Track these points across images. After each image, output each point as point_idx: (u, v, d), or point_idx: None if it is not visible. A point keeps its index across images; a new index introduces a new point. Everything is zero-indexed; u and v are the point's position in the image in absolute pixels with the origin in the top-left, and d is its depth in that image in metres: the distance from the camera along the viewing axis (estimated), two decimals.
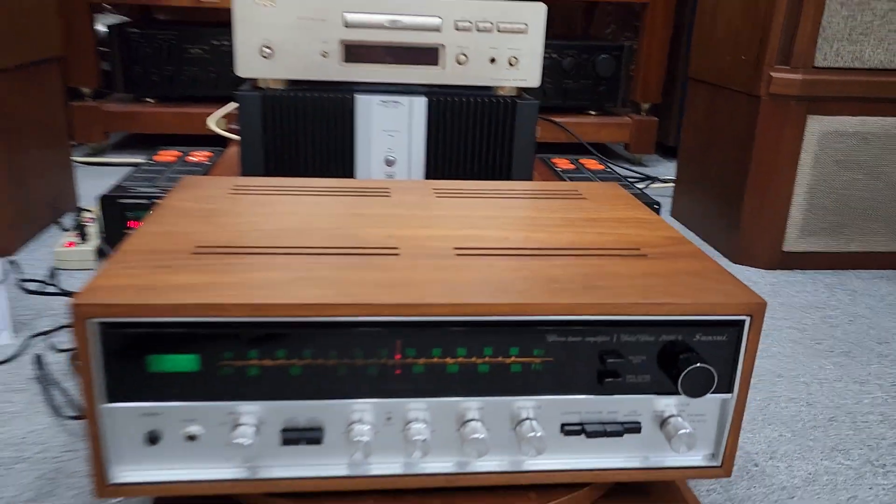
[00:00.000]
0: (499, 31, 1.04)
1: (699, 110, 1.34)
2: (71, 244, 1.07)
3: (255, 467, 0.52)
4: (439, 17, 1.02)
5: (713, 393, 0.54)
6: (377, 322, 0.50)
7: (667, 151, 2.00)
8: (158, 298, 0.48)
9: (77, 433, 0.70)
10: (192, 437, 0.51)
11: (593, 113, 1.86)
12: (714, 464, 0.56)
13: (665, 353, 0.53)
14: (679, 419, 0.54)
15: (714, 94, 1.28)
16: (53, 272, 1.00)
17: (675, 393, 0.54)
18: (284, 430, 0.52)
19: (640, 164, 1.90)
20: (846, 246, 1.20)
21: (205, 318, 0.48)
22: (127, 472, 0.51)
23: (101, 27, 1.77)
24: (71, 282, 1.01)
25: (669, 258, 0.59)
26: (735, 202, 1.21)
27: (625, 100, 1.89)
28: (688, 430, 0.53)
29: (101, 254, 1.09)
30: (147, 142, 1.89)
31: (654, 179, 1.72)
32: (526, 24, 1.04)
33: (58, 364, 0.81)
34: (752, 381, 0.86)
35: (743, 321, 0.53)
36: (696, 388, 0.52)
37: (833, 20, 1.08)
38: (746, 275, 1.18)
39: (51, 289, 0.97)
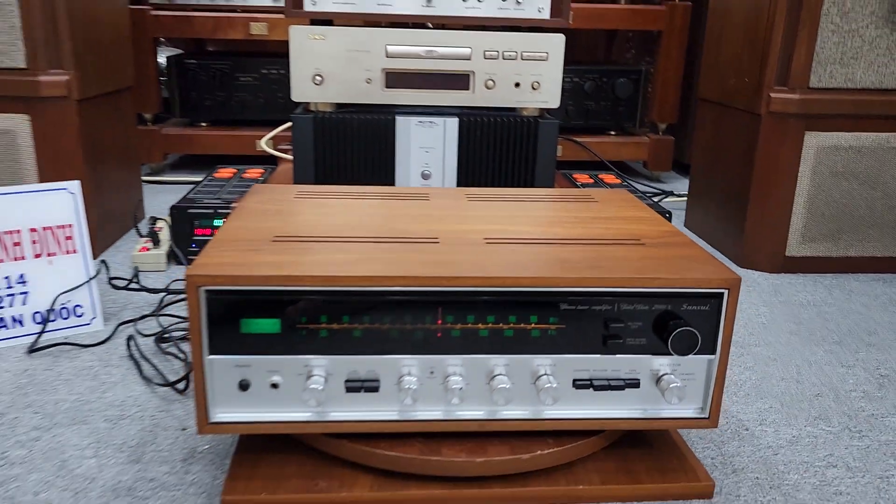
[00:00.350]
0: (522, 58, 1.17)
1: (707, 128, 1.46)
2: (145, 249, 1.21)
3: (323, 412, 0.65)
4: (469, 48, 1.16)
5: (699, 354, 0.65)
6: (422, 292, 0.62)
7: (683, 169, 2.11)
8: (251, 271, 0.61)
9: (166, 398, 0.83)
10: (274, 385, 0.64)
11: (613, 133, 1.98)
12: (703, 416, 0.68)
13: (658, 320, 0.65)
14: (671, 376, 0.66)
15: (720, 113, 1.40)
16: (137, 272, 1.14)
17: (667, 353, 0.65)
18: (348, 381, 0.64)
19: (658, 180, 2.01)
20: (845, 251, 1.30)
21: (286, 286, 0.61)
22: (223, 414, 0.64)
23: (160, 59, 1.94)
24: (147, 281, 1.15)
25: (664, 246, 0.71)
26: (740, 211, 1.32)
27: (643, 120, 2.01)
28: (678, 384, 0.65)
29: (172, 257, 1.23)
30: (200, 162, 2.04)
31: (668, 193, 1.83)
32: (547, 53, 1.17)
33: (145, 345, 0.94)
34: (748, 363, 0.97)
35: (722, 293, 0.64)
36: (683, 348, 0.64)
37: (826, 46, 1.19)
38: (752, 277, 1.29)
39: (133, 286, 1.11)
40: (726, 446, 0.78)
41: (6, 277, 0.94)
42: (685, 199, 1.64)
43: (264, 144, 1.49)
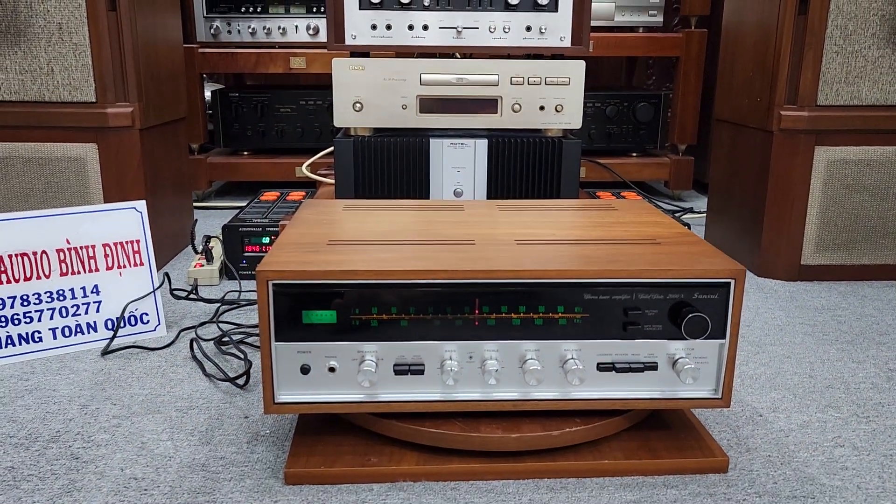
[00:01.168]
0: (546, 83, 1.26)
1: (724, 147, 1.53)
2: (199, 265, 1.31)
3: (374, 393, 0.73)
4: (497, 74, 1.25)
5: (710, 338, 0.73)
6: (461, 284, 0.70)
7: (703, 188, 2.18)
8: (312, 267, 0.70)
9: (228, 392, 0.92)
10: (331, 369, 0.72)
11: (635, 154, 2.06)
12: (716, 396, 0.75)
13: (672, 308, 0.72)
14: (686, 359, 0.73)
15: (736, 133, 1.48)
16: (196, 285, 1.24)
17: (682, 338, 0.73)
18: (396, 365, 0.72)
19: (679, 199, 2.08)
20: (858, 259, 1.36)
21: (342, 280, 0.70)
22: (286, 395, 0.73)
23: (206, 93, 2.06)
24: (202, 293, 1.25)
25: (677, 245, 0.79)
26: (757, 224, 1.39)
27: (664, 142, 2.09)
28: (692, 366, 0.72)
29: (225, 272, 1.33)
30: (242, 189, 2.16)
31: (688, 210, 1.90)
32: (569, 78, 1.26)
33: (206, 348, 1.03)
34: (764, 360, 1.03)
35: (729, 283, 0.72)
36: (696, 332, 0.71)
37: (831, 66, 1.27)
38: (769, 286, 1.35)
39: (192, 297, 1.21)
40: (741, 430, 0.84)
41: (82, 288, 1.04)
42: (704, 215, 1.71)
43: (305, 170, 1.59)
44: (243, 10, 1.89)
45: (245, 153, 2.02)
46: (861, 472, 0.76)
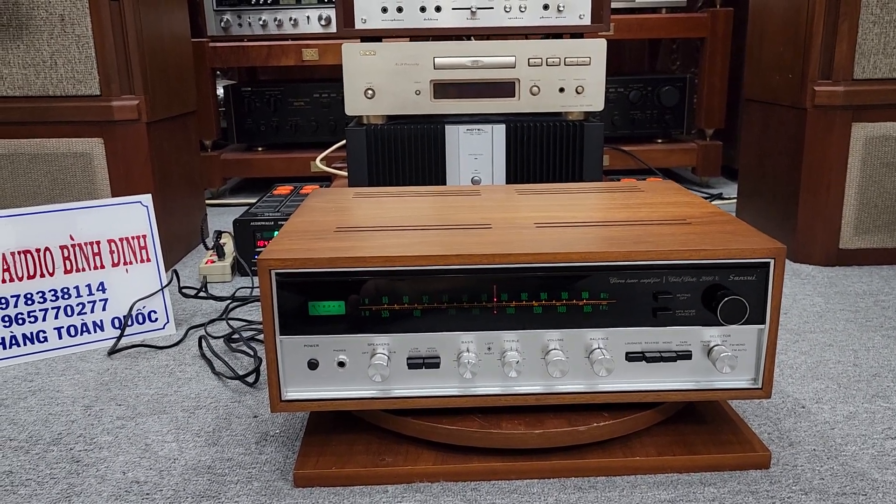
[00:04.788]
0: (566, 64, 1.21)
1: (755, 128, 1.47)
2: (211, 261, 1.27)
3: (387, 388, 0.68)
4: (514, 56, 1.20)
5: (748, 324, 0.67)
6: (477, 269, 0.65)
7: (732, 174, 2.11)
8: (316, 254, 0.65)
9: (238, 390, 0.88)
10: (341, 364, 0.68)
11: (660, 140, 2.00)
12: (756, 386, 0.69)
13: (706, 291, 0.67)
14: (722, 346, 0.67)
15: (767, 112, 1.41)
16: (205, 283, 1.20)
17: (717, 323, 0.67)
18: (409, 358, 0.68)
19: (708, 185, 2.01)
20: None
21: (349, 268, 0.65)
22: (294, 392, 0.68)
23: (219, 90, 2.03)
24: (213, 290, 1.21)
25: (709, 224, 0.73)
26: (791, 206, 1.32)
27: (691, 127, 2.02)
28: (729, 353, 0.66)
29: (237, 268, 1.29)
30: (257, 186, 2.12)
31: (717, 196, 1.83)
32: (589, 57, 1.20)
33: (215, 346, 0.99)
34: (804, 348, 0.97)
35: (768, 263, 0.66)
36: (733, 316, 0.66)
37: (867, 37, 1.20)
38: (806, 271, 1.28)
39: (202, 294, 1.17)
40: (782, 423, 0.78)
41: (87, 285, 1.01)
42: (734, 201, 1.64)
43: (319, 163, 1.55)
44: (253, 1, 1.86)
45: (259, 149, 1.99)
46: None
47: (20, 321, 0.97)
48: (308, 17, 1.86)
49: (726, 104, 1.97)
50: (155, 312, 1.05)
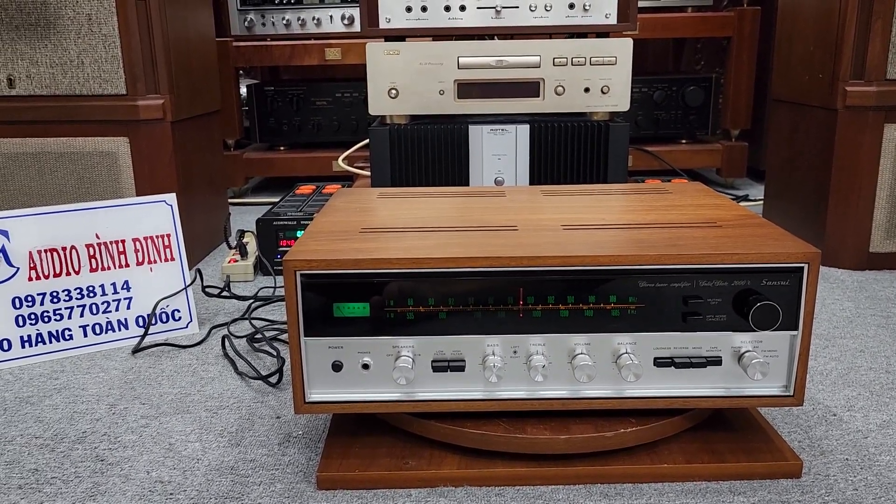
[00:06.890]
0: (591, 63, 1.20)
1: (783, 129, 1.44)
2: (234, 260, 1.27)
3: (411, 391, 0.68)
4: (538, 55, 1.19)
5: (781, 330, 0.65)
6: (503, 272, 0.64)
7: (758, 175, 2.08)
8: (342, 255, 0.65)
9: (260, 391, 0.87)
10: (365, 366, 0.67)
11: (685, 141, 1.97)
12: (787, 394, 0.68)
13: (738, 296, 0.65)
14: (753, 353, 0.66)
15: (795, 113, 1.38)
16: (228, 282, 1.21)
17: (749, 329, 0.66)
18: (434, 361, 0.67)
19: (733, 187, 1.98)
20: None
21: (375, 269, 0.64)
22: (318, 394, 0.68)
23: (242, 89, 2.04)
24: (236, 289, 1.21)
25: (741, 227, 0.72)
26: (821, 209, 1.29)
27: (716, 127, 1.99)
28: (761, 360, 0.65)
29: (260, 267, 1.29)
30: (279, 185, 2.13)
31: (743, 198, 1.81)
32: (615, 57, 1.19)
33: (238, 345, 0.99)
34: (835, 354, 0.95)
35: (802, 268, 0.64)
36: (765, 322, 0.64)
37: None
38: (835, 275, 1.26)
39: (224, 294, 1.18)
40: (813, 430, 0.77)
41: (112, 284, 1.01)
42: (761, 202, 1.62)
43: (342, 162, 1.55)
44: (277, 1, 1.86)
45: (281, 148, 1.99)
46: None
47: (46, 319, 0.98)
48: (331, 17, 1.86)
49: (752, 104, 1.95)
50: (178, 311, 1.05)
